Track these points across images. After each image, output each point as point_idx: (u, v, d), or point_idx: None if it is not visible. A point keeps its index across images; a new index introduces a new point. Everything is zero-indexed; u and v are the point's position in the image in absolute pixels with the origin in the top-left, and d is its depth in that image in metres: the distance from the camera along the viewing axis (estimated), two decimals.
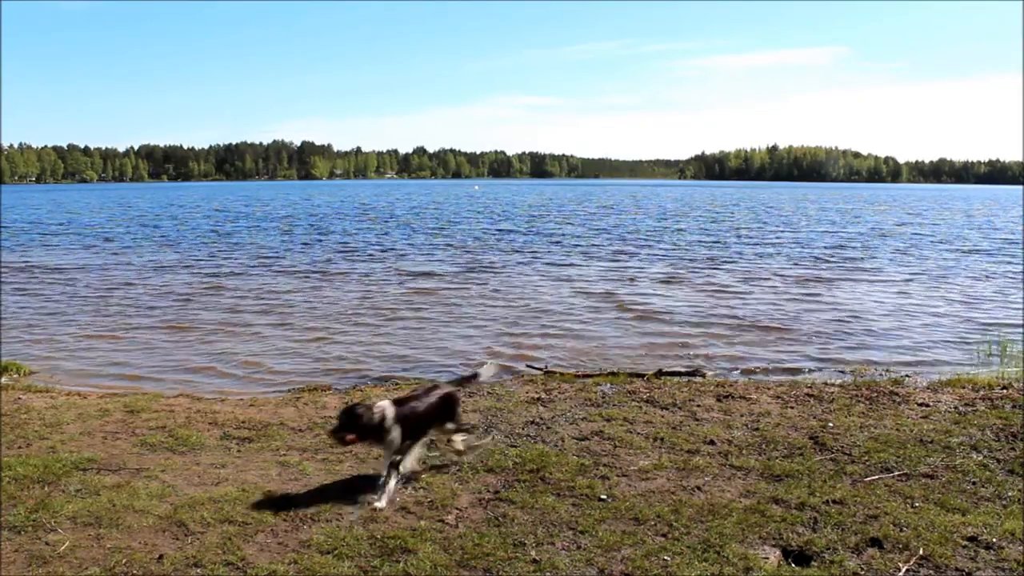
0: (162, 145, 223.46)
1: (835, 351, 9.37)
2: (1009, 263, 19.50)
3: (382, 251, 21.72)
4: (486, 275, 16.33)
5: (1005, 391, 6.79)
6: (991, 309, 12.55)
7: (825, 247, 23.20)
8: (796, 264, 18.65)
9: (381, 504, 4.26)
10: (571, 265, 18.25)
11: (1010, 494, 4.42)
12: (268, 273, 16.92)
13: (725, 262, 19.00)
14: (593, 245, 23.60)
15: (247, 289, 14.41)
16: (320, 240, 25.36)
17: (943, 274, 17.01)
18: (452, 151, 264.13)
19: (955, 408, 6.27)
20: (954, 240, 26.76)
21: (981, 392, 6.78)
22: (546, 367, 8.05)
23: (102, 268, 18.14)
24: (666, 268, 17.75)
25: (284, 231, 29.46)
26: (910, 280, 15.89)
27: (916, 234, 29.32)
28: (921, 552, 3.74)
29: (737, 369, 8.45)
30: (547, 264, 18.42)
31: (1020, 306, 12.69)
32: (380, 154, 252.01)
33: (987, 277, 16.62)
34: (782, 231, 30.11)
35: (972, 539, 3.86)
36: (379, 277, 16.09)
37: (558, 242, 24.46)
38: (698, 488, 4.58)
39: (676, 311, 12.04)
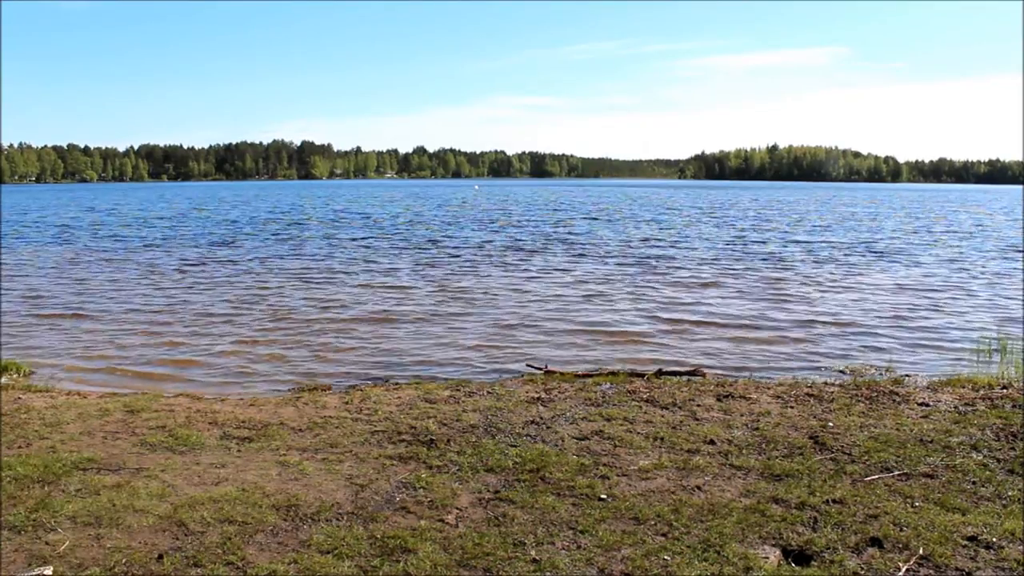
0: (162, 145, 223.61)
1: (835, 351, 9.37)
2: (1009, 263, 19.51)
3: (373, 253, 21.73)
4: (481, 278, 16.34)
5: (1005, 391, 6.79)
6: (991, 309, 12.55)
7: (825, 247, 23.22)
8: (796, 264, 18.66)
9: None
10: (569, 269, 18.25)
11: (1010, 494, 4.42)
12: (264, 275, 16.93)
13: (723, 263, 19.01)
14: (591, 246, 23.61)
15: (244, 290, 14.42)
16: (308, 242, 25.36)
17: (943, 273, 17.02)
18: (452, 151, 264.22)
19: (955, 408, 6.27)
20: (954, 240, 26.76)
21: (981, 392, 6.78)
22: (546, 367, 8.05)
23: (97, 269, 18.15)
24: (665, 268, 17.76)
25: (274, 233, 29.46)
26: (910, 280, 15.90)
27: (915, 233, 29.32)
28: (921, 552, 3.74)
29: (737, 369, 8.44)
30: (542, 267, 18.41)
31: (1020, 306, 12.70)
32: (380, 154, 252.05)
33: (987, 277, 16.63)
34: (781, 231, 30.12)
35: (972, 539, 3.86)
36: (374, 279, 16.09)
37: (557, 244, 24.45)
38: (698, 488, 4.58)
39: (675, 312, 12.04)
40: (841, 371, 8.26)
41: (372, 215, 40.64)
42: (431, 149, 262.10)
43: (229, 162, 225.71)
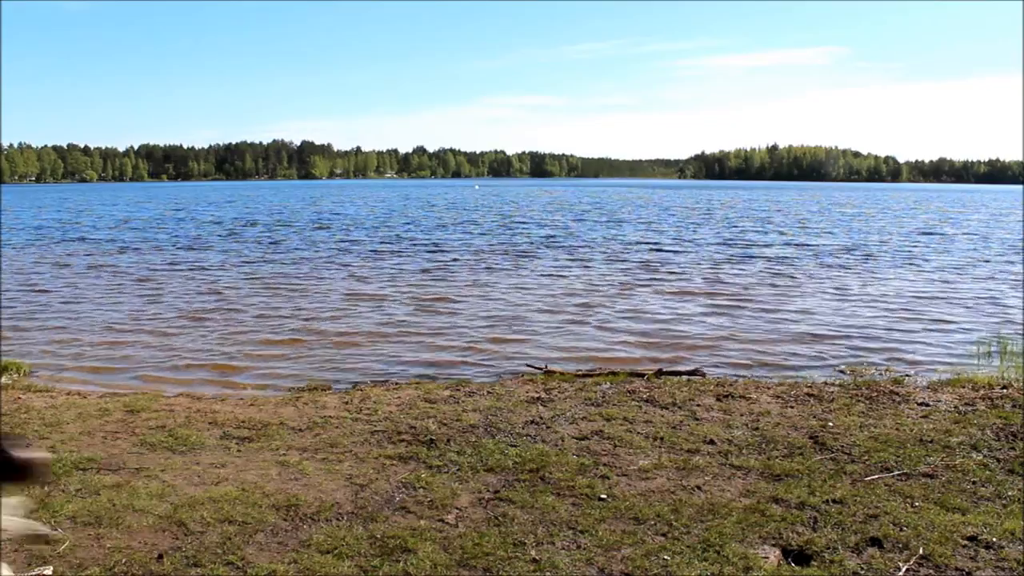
0: (162, 145, 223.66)
1: (835, 351, 9.37)
2: (1009, 263, 19.51)
3: (367, 253, 21.74)
4: (475, 279, 16.35)
5: (1005, 391, 6.79)
6: (991, 308, 12.55)
7: (824, 248, 23.22)
8: (795, 266, 18.67)
9: None
10: (567, 272, 18.24)
11: (1010, 493, 4.42)
12: (263, 276, 16.94)
13: (720, 263, 19.01)
14: (586, 248, 23.62)
15: (244, 289, 14.43)
16: (296, 245, 25.39)
17: (943, 274, 17.02)
18: (452, 151, 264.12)
19: (955, 408, 6.26)
20: (953, 241, 26.76)
21: (981, 392, 6.77)
22: (546, 367, 8.05)
23: (95, 268, 18.16)
24: (663, 270, 17.76)
25: (271, 235, 29.48)
26: (909, 280, 15.90)
27: (914, 234, 29.32)
28: (921, 551, 3.74)
29: (737, 369, 8.44)
30: (535, 270, 18.42)
31: (1020, 306, 12.70)
32: (380, 154, 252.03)
33: (987, 277, 16.63)
34: (781, 233, 30.12)
35: (972, 538, 3.86)
36: (368, 280, 16.10)
37: (552, 246, 24.46)
38: (698, 487, 4.58)
39: (674, 312, 12.05)
40: (841, 371, 8.26)
41: (365, 217, 40.57)
42: (431, 149, 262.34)
43: (229, 162, 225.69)
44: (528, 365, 8.25)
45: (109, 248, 23.13)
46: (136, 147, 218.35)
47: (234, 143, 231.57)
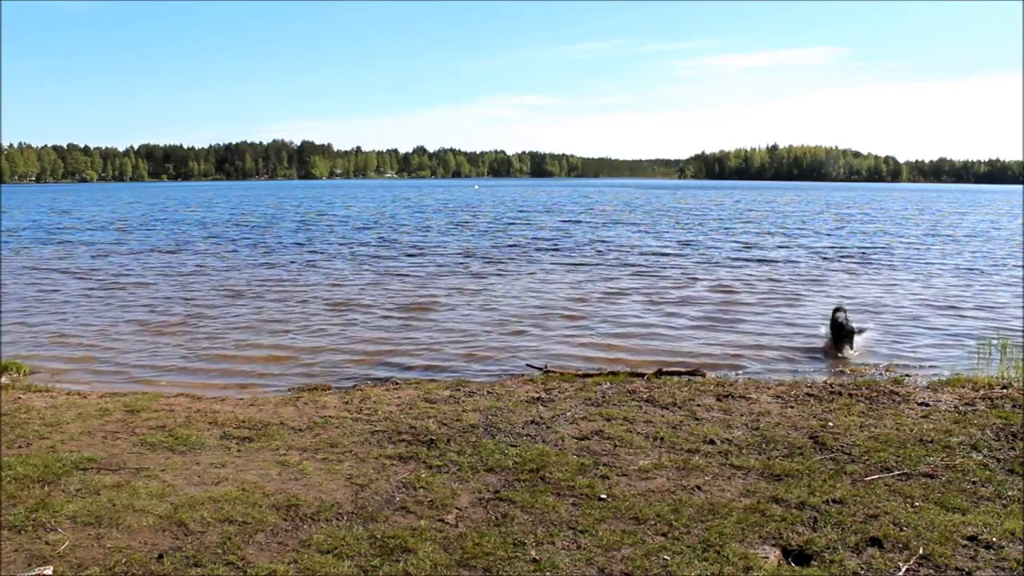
0: (162, 145, 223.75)
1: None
2: (1009, 263, 19.51)
3: (365, 255, 21.74)
4: (476, 278, 16.35)
5: (1005, 391, 6.79)
6: (992, 308, 12.55)
7: (824, 247, 23.23)
8: (795, 264, 18.67)
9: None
10: (561, 278, 18.24)
11: (1010, 493, 4.42)
12: (262, 276, 16.94)
13: (719, 264, 19.02)
14: (585, 249, 23.62)
15: (239, 291, 14.43)
16: (301, 243, 25.38)
17: (943, 274, 17.02)
18: (452, 151, 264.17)
19: (955, 408, 6.26)
20: (953, 241, 26.76)
21: (981, 392, 6.77)
22: (546, 367, 8.05)
23: (94, 267, 18.16)
24: (661, 271, 17.76)
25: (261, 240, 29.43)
26: (910, 280, 15.90)
27: (914, 234, 29.33)
28: (921, 551, 3.74)
29: (737, 369, 8.45)
30: (533, 272, 18.42)
31: (1020, 306, 12.70)
32: (380, 154, 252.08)
33: (987, 277, 16.63)
34: (779, 232, 30.12)
35: (972, 538, 3.86)
36: (363, 282, 16.10)
37: (549, 249, 24.46)
38: (698, 487, 4.58)
39: (673, 312, 12.05)
40: (841, 371, 8.26)
41: (357, 218, 40.49)
42: (431, 149, 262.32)
43: (229, 162, 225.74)
44: (528, 365, 8.26)
45: (99, 249, 23.15)
46: (136, 147, 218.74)
47: (234, 143, 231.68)
